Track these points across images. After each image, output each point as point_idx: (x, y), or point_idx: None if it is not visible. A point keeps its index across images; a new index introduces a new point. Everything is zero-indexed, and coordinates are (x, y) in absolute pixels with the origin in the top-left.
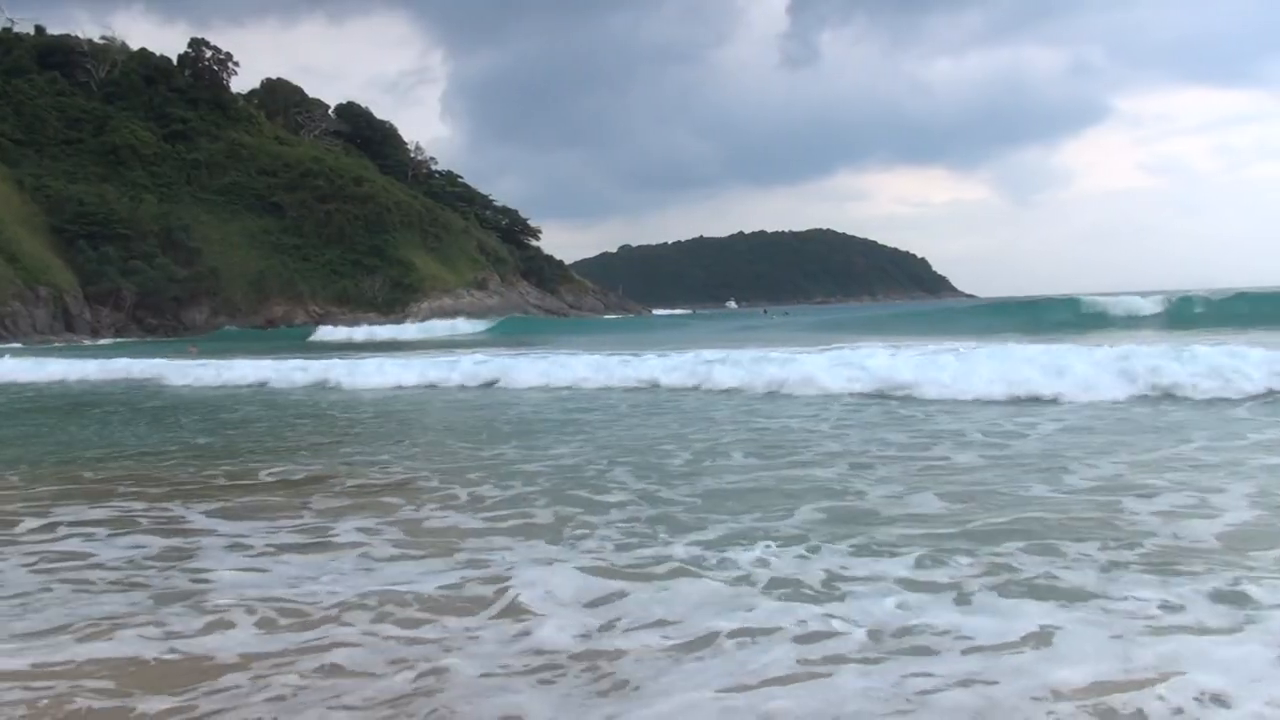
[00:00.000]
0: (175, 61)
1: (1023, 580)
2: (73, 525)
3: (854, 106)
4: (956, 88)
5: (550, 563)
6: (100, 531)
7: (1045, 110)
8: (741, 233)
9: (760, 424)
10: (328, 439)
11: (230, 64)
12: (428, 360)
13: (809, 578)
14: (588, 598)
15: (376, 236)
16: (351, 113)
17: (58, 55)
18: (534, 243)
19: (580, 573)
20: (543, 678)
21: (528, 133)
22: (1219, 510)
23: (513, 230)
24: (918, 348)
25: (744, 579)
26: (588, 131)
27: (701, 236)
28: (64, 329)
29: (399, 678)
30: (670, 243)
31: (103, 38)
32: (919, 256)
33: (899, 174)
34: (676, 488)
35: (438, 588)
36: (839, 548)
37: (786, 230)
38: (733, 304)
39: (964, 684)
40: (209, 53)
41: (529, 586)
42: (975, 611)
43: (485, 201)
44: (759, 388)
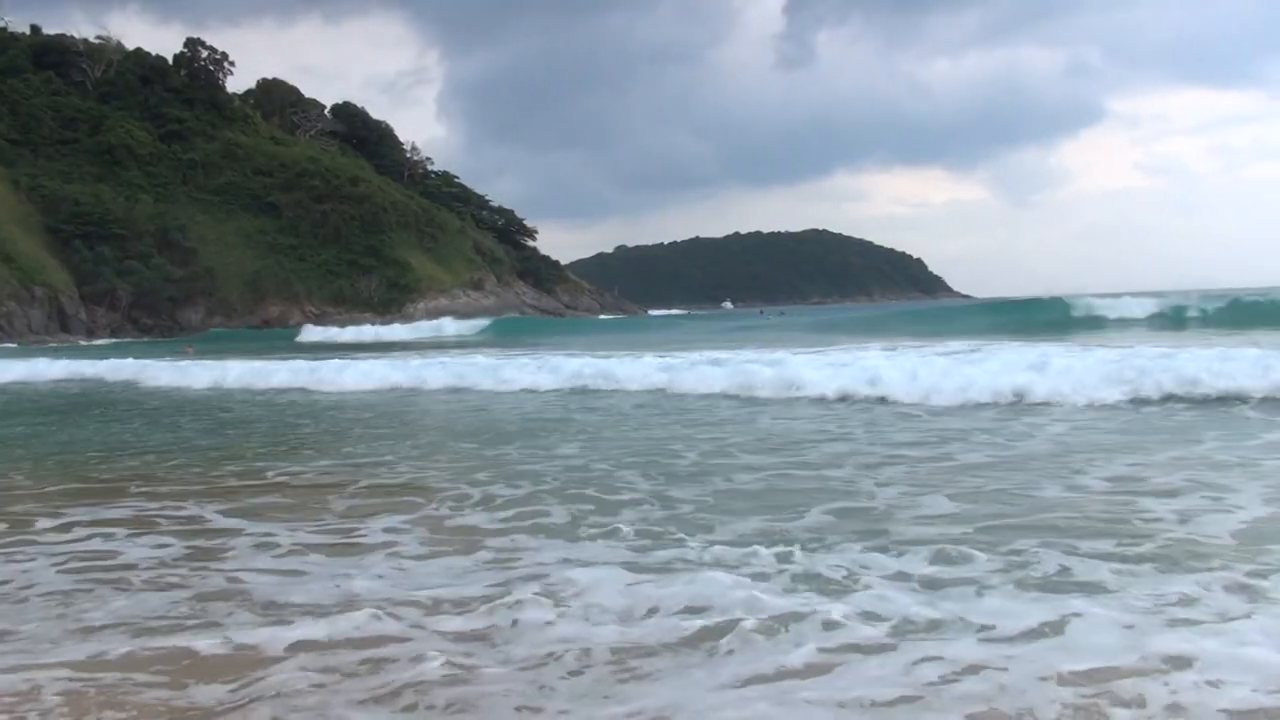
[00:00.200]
0: (171, 61)
1: (1040, 576)
2: (90, 525)
3: (851, 107)
4: (954, 88)
5: (576, 560)
6: (119, 532)
7: (1043, 111)
8: (738, 233)
9: (750, 426)
10: (328, 440)
11: (226, 64)
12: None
13: (828, 573)
14: (616, 593)
15: (372, 237)
16: (347, 113)
17: (53, 55)
18: (530, 243)
19: (607, 568)
20: (571, 668)
21: (524, 133)
22: (1234, 508)
23: (509, 230)
24: (915, 350)
25: (763, 575)
26: (584, 132)
27: (698, 237)
28: (59, 329)
29: (435, 670)
30: (666, 243)
31: (98, 37)
32: (915, 257)
33: (896, 174)
34: (685, 488)
35: (469, 584)
36: (855, 545)
37: (783, 231)
38: (729, 304)
39: (973, 670)
40: (205, 52)
41: (560, 583)
42: (993, 604)
43: (481, 202)
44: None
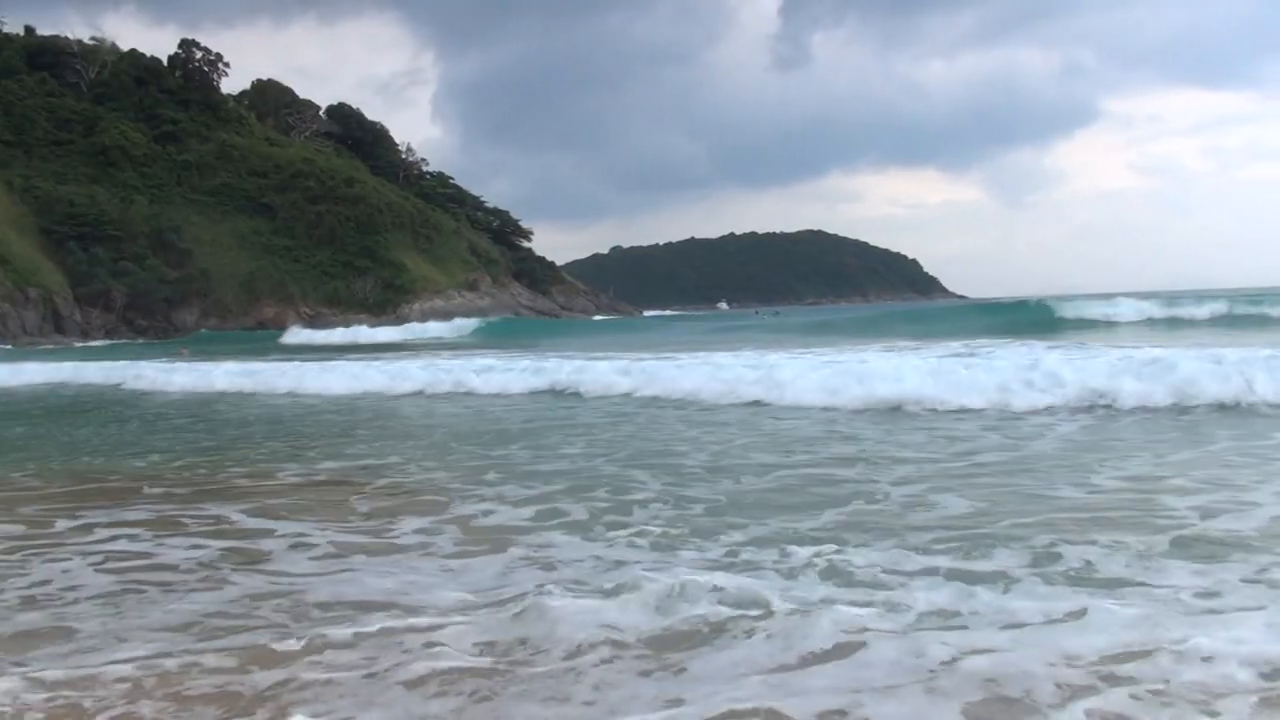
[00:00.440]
0: (166, 62)
1: (1060, 570)
2: (111, 526)
3: (846, 108)
4: (949, 89)
5: (603, 556)
6: (143, 533)
7: (1037, 111)
8: (733, 234)
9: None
10: (330, 441)
11: (221, 65)
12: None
13: (851, 569)
14: (646, 586)
15: (367, 238)
16: (342, 114)
17: (48, 56)
18: (525, 244)
19: (633, 563)
20: (604, 657)
21: (519, 134)
22: (1253, 505)
23: (504, 231)
24: (921, 353)
25: (787, 571)
26: (579, 132)
27: (693, 238)
28: (54, 331)
29: (490, 661)
30: (662, 244)
31: (93, 38)
32: (910, 258)
33: (891, 175)
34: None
35: (509, 583)
36: (875, 544)
37: (778, 231)
38: (724, 305)
39: (981, 652)
40: (199, 54)
41: (590, 576)
42: (1014, 596)
43: (476, 203)
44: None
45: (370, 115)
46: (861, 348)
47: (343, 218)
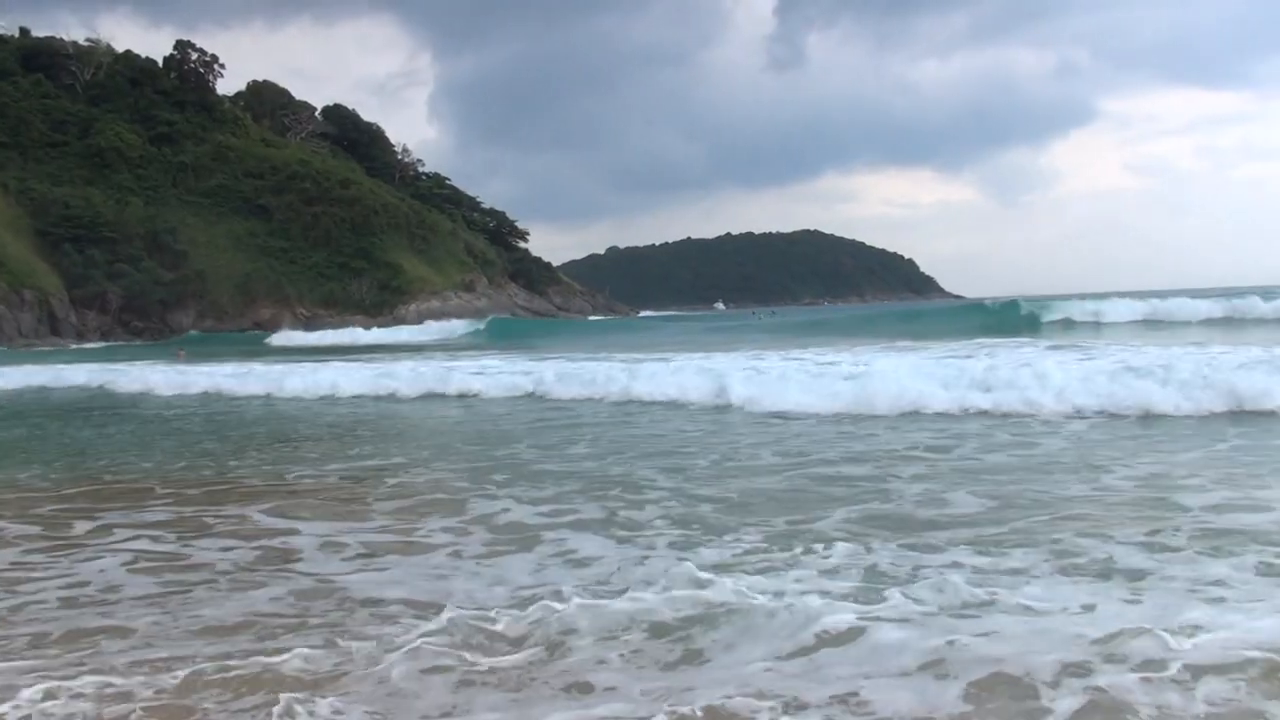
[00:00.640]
0: (161, 64)
1: (1076, 563)
2: (131, 528)
3: (841, 108)
4: (943, 89)
5: (624, 551)
6: (166, 534)
7: (1032, 111)
8: (729, 234)
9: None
10: (331, 442)
11: (216, 66)
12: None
13: (868, 564)
14: (672, 580)
15: (363, 239)
16: (338, 115)
17: (42, 57)
18: (522, 244)
19: (656, 559)
20: (635, 647)
21: (515, 135)
22: (1268, 502)
23: (500, 232)
24: (928, 353)
25: (804, 565)
26: (576, 133)
27: (689, 238)
28: (49, 333)
29: (527, 653)
30: (658, 244)
31: (88, 40)
32: (906, 258)
33: (886, 175)
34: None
35: (541, 579)
36: (890, 541)
37: (775, 231)
38: (721, 305)
39: (987, 636)
40: (195, 55)
41: (616, 570)
42: (1030, 587)
43: (473, 203)
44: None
45: (366, 116)
46: (860, 348)
47: (339, 219)
